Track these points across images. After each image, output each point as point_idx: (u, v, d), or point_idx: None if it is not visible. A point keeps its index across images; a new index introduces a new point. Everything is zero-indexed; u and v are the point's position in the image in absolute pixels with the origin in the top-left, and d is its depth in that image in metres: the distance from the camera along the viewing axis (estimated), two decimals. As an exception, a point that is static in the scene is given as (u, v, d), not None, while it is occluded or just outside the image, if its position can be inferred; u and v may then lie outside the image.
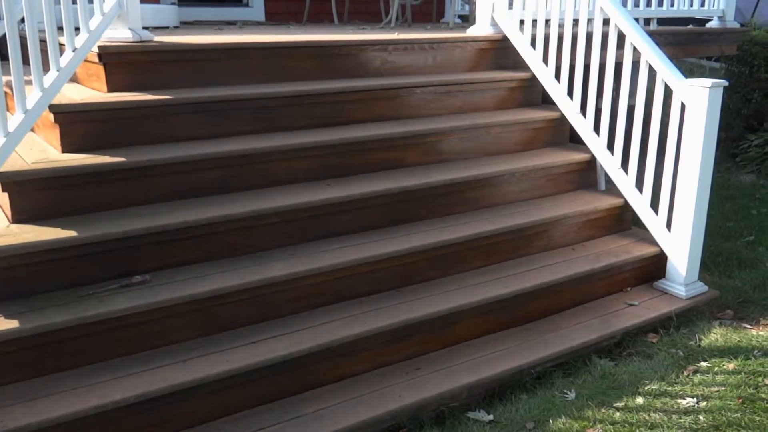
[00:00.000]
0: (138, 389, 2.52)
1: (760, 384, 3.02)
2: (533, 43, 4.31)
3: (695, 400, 2.93)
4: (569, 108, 4.16)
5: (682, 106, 3.56)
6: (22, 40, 2.71)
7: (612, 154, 3.95)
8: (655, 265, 3.86)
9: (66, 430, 2.40)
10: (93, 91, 3.39)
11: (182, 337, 2.83)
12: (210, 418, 2.69)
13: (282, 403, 2.80)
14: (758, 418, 2.79)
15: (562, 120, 4.26)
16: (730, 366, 3.17)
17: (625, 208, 4.03)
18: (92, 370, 2.63)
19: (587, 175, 4.25)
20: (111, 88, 3.34)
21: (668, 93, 3.60)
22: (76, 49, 3.07)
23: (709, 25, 5.90)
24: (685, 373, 3.13)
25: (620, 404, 2.91)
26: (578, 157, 4.16)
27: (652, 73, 3.67)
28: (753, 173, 6.31)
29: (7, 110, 2.85)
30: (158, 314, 2.75)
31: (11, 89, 2.81)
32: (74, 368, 2.63)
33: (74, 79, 3.66)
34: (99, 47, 3.26)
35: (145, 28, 3.55)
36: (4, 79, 3.12)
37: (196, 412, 2.66)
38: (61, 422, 2.37)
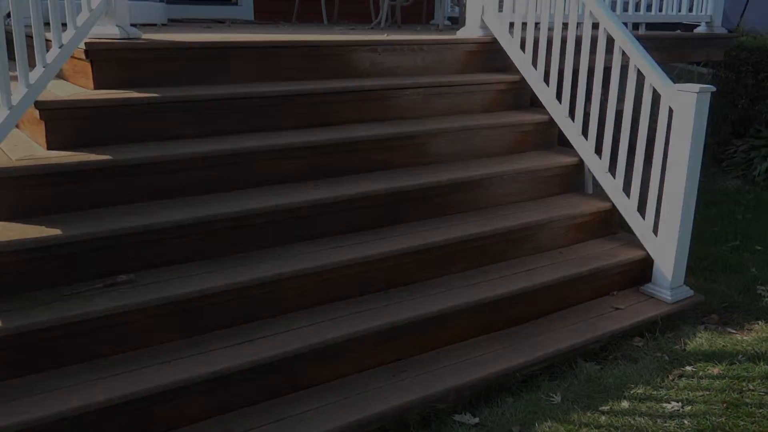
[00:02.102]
0: (122, 390, 2.49)
1: (744, 389, 3.04)
2: (522, 46, 4.32)
3: (680, 404, 2.94)
4: (558, 111, 4.17)
5: (670, 111, 3.58)
6: (8, 35, 2.68)
7: (600, 158, 3.97)
8: (642, 269, 3.87)
9: None
10: (79, 88, 3.36)
11: (167, 337, 2.81)
12: (194, 420, 2.66)
13: (268, 404, 2.78)
14: (742, 423, 2.80)
15: (551, 123, 4.27)
16: (715, 370, 3.19)
17: (613, 212, 4.05)
18: (75, 371, 2.59)
19: (575, 178, 4.26)
20: (98, 85, 3.31)
21: (656, 98, 3.62)
22: (62, 45, 3.04)
23: (696, 30, 5.94)
24: (671, 378, 3.14)
25: (606, 408, 2.92)
26: (566, 160, 4.17)
27: (640, 78, 3.69)
28: (738, 178, 6.35)
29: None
30: (143, 314, 2.72)
31: (-4, 85, 2.77)
32: (57, 368, 2.60)
33: (61, 76, 3.62)
34: (86, 44, 3.23)
35: (133, 25, 3.53)
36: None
37: (180, 413, 2.63)
38: (43, 423, 2.34)
